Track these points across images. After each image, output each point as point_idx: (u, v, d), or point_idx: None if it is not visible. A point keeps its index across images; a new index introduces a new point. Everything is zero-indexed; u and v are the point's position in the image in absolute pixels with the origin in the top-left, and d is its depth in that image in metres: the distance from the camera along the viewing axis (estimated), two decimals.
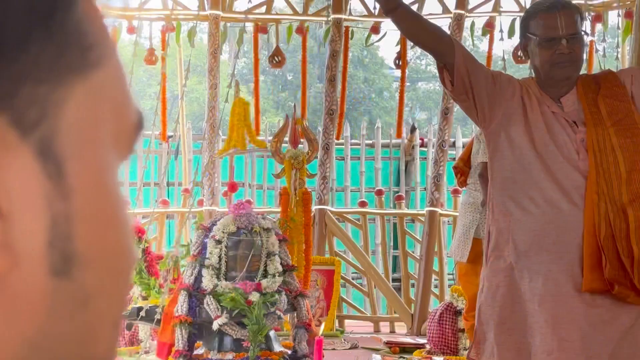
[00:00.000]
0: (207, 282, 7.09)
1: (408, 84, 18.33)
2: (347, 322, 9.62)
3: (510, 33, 8.71)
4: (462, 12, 9.47)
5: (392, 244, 10.21)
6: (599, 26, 9.18)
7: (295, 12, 9.99)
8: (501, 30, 9.37)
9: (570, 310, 4.28)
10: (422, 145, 11.47)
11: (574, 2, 7.32)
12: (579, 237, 4.23)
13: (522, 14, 4.74)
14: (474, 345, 4.74)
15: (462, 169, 7.70)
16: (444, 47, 4.45)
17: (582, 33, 4.56)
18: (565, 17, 4.36)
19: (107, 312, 0.54)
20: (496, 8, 9.51)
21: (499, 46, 9.17)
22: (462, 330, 8.18)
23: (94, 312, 0.52)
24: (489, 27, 9.54)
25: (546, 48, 4.35)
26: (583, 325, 4.31)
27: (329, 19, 9.53)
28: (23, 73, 0.46)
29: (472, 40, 9.78)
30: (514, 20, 7.85)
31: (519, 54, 4.79)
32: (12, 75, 0.45)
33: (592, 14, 8.64)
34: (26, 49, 0.46)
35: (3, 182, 0.44)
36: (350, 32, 9.95)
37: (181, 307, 7.15)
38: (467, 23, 9.63)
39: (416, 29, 4.72)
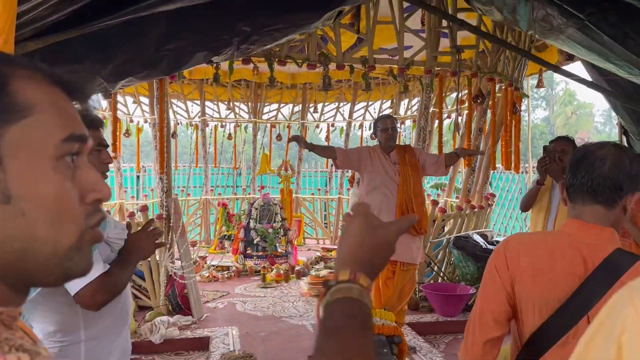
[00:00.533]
0: (252, 224, 6.88)
1: None
2: (306, 240, 9.19)
3: (370, 128, 8.53)
4: (350, 120, 9.00)
5: (324, 210, 10.02)
6: (403, 126, 8.71)
7: (286, 120, 9.38)
8: (366, 127, 8.94)
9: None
10: (336, 171, 11.29)
11: (394, 115, 7.20)
12: (395, 207, 4.10)
13: (374, 120, 4.52)
14: None
15: (352, 180, 7.58)
16: (332, 156, 4.26)
17: (397, 127, 4.34)
18: (391, 121, 4.21)
19: (39, 218, 0.47)
20: (365, 118, 9.03)
21: (366, 133, 9.05)
22: None
23: (30, 218, 0.46)
24: (361, 127, 9.09)
25: (383, 132, 4.15)
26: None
27: (300, 122, 9.09)
28: None
29: (354, 131, 9.67)
30: (372, 123, 7.69)
31: (372, 136, 4.69)
32: None
33: (400, 120, 8.42)
34: None
35: None
36: (307, 128, 9.41)
37: (241, 234, 6.93)
38: (353, 124, 9.13)
39: (323, 153, 4.44)
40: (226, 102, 8.80)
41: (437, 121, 5.79)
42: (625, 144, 4.50)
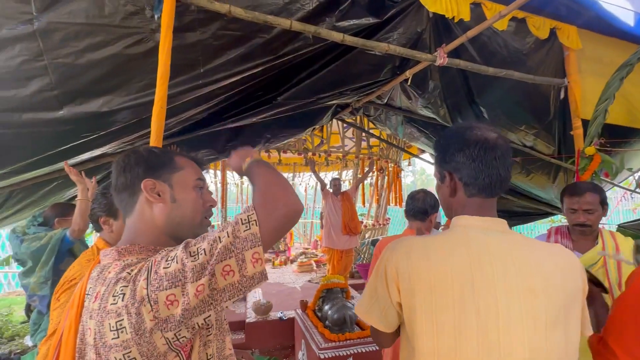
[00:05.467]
0: None
1: None
2: (295, 243, 8.57)
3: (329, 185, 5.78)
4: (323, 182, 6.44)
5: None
6: (344, 183, 7.92)
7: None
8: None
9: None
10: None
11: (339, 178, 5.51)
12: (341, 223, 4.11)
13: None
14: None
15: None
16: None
17: (338, 183, 4.53)
18: (338, 180, 4.28)
19: (188, 209, 0.68)
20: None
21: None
22: None
23: (184, 209, 0.67)
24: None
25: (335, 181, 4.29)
26: None
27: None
28: None
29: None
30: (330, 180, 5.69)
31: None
32: None
33: (342, 180, 7.78)
34: None
35: None
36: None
37: None
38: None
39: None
40: None
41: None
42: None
